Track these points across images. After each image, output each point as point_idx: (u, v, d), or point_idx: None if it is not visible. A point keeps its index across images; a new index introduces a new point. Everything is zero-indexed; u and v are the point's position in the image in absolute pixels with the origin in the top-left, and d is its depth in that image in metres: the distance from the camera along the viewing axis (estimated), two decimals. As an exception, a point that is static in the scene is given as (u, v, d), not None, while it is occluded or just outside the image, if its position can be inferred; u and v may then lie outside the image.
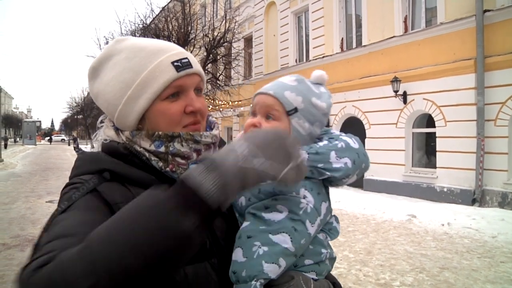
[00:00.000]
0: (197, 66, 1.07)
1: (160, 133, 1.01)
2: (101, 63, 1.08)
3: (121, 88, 1.02)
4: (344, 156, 1.07)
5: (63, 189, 0.99)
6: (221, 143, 1.17)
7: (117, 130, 1.08)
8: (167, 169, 1.01)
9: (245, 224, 1.04)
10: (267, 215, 1.01)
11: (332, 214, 1.16)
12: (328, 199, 1.11)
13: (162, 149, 1.01)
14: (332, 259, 1.14)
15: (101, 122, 1.16)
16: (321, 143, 1.10)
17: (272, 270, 0.95)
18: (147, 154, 1.02)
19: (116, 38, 1.12)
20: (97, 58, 1.09)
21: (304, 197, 1.03)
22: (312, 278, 1.04)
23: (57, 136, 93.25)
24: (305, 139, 1.12)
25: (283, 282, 0.98)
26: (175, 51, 1.06)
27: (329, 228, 1.14)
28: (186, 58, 1.05)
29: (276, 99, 1.11)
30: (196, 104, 1.03)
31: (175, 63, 1.02)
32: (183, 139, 1.02)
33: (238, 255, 0.98)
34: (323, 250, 1.09)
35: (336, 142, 1.10)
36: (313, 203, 1.04)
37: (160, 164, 1.01)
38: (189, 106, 1.03)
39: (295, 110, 1.11)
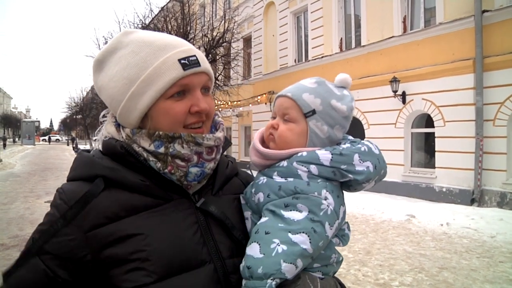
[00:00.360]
0: (205, 64, 1.03)
1: (160, 133, 0.98)
2: (106, 56, 1.04)
3: (125, 83, 0.99)
4: (367, 160, 1.07)
5: (54, 196, 0.99)
6: (226, 143, 1.14)
7: (118, 126, 1.06)
8: (166, 170, 0.98)
9: (263, 219, 1.02)
10: (286, 213, 1.00)
11: (345, 221, 1.15)
12: (345, 203, 1.11)
13: (162, 149, 0.98)
14: (339, 262, 1.14)
15: (104, 116, 1.14)
16: (344, 145, 1.10)
17: (289, 270, 0.94)
18: (145, 154, 0.99)
19: (124, 30, 1.07)
20: (103, 51, 1.05)
21: (326, 198, 1.02)
22: (319, 277, 1.04)
23: (53, 136, 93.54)
24: (324, 142, 1.12)
25: (289, 282, 0.96)
26: (184, 47, 1.01)
27: (342, 234, 1.14)
28: (194, 55, 1.01)
29: (293, 101, 1.11)
30: (201, 104, 0.99)
31: (182, 61, 0.98)
32: (184, 140, 0.98)
33: (254, 250, 0.96)
34: (333, 255, 1.09)
35: (359, 145, 1.10)
36: (333, 205, 1.03)
37: (159, 165, 0.98)
38: (195, 106, 0.99)
39: (313, 112, 1.11)
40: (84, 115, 51.89)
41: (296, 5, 16.95)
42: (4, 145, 47.48)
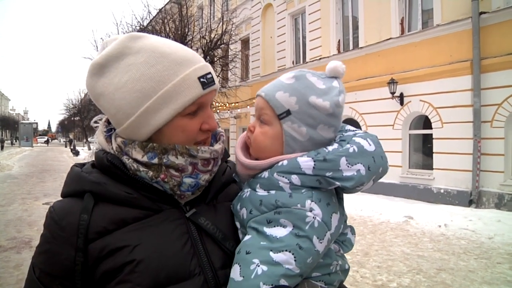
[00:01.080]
0: (217, 81, 1.02)
1: (154, 145, 0.96)
2: (110, 61, 0.97)
3: (138, 97, 0.94)
4: (357, 163, 0.94)
5: (46, 215, 1.00)
6: (225, 155, 1.11)
7: (109, 137, 1.03)
8: (158, 179, 0.96)
9: (246, 238, 0.95)
10: (269, 230, 0.92)
11: (348, 224, 1.09)
12: (339, 209, 1.00)
13: (155, 160, 0.96)
14: (345, 270, 1.07)
15: (96, 122, 1.11)
16: (330, 148, 0.97)
17: None
18: (135, 165, 0.97)
19: (131, 34, 1.00)
20: (106, 54, 0.97)
21: (311, 209, 0.91)
22: (320, 286, 0.98)
23: (40, 138, 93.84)
24: (305, 145, 1.00)
25: None
26: (200, 63, 0.99)
27: (343, 239, 1.06)
28: (210, 73, 0.99)
29: (266, 101, 1.02)
30: (212, 123, 1.01)
31: (202, 79, 0.96)
32: (178, 152, 0.96)
33: (235, 272, 0.90)
34: (333, 262, 1.01)
35: (348, 145, 0.96)
36: (321, 216, 0.92)
37: (150, 174, 0.96)
38: (205, 124, 1.00)
39: (287, 112, 0.99)
40: (82, 117, 51.89)
41: (294, 7, 16.98)
42: (2, 147, 47.42)
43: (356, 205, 10.17)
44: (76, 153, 37.52)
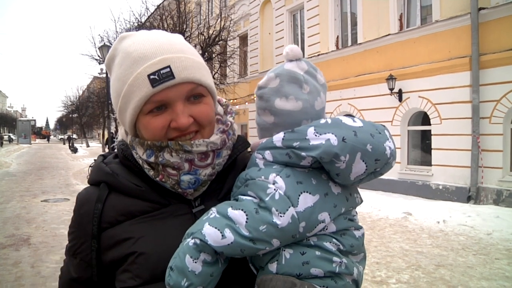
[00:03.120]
0: (183, 73, 0.93)
1: (149, 143, 0.97)
2: (109, 63, 1.04)
3: (115, 97, 1.00)
4: (327, 132, 0.90)
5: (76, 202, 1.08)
6: (243, 145, 1.09)
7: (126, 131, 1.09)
8: (157, 179, 0.98)
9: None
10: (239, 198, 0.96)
11: (360, 225, 1.03)
12: (323, 193, 0.93)
13: (152, 159, 0.97)
14: (355, 281, 0.96)
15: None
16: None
17: (211, 234, 0.87)
18: (140, 162, 1.01)
19: (121, 35, 1.05)
20: (107, 56, 1.05)
21: (274, 182, 0.91)
22: None
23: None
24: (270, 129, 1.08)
25: None
26: (156, 58, 0.93)
27: (342, 233, 0.98)
28: (168, 67, 0.92)
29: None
30: (180, 120, 0.93)
31: (152, 76, 0.91)
32: (172, 149, 0.95)
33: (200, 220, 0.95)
34: (335, 259, 0.93)
35: (322, 119, 0.96)
36: (284, 189, 0.90)
37: (151, 173, 0.99)
38: (173, 122, 0.94)
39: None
40: (80, 114, 51.71)
41: (292, 3, 16.93)
42: (1, 144, 47.39)
43: (354, 201, 10.16)
44: (75, 150, 36.91)
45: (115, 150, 1.12)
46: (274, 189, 0.90)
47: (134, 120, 0.98)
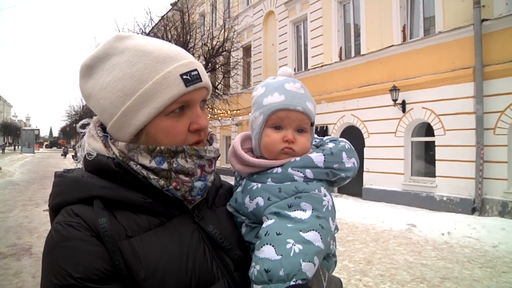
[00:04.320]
0: (205, 78, 0.97)
1: (162, 148, 0.92)
2: (97, 62, 0.96)
3: (120, 96, 0.91)
4: (352, 156, 1.13)
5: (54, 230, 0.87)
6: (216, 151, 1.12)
7: (107, 142, 0.96)
8: (171, 187, 0.93)
9: (270, 222, 0.99)
10: (292, 213, 1.00)
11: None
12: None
13: (165, 165, 0.92)
14: (335, 262, 1.16)
15: (83, 126, 1.04)
16: (330, 145, 1.14)
17: (309, 269, 0.92)
18: (144, 172, 0.92)
19: (117, 34, 0.98)
20: (93, 55, 0.96)
21: (325, 195, 1.06)
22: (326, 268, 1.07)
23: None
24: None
25: None
26: (185, 60, 0.95)
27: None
28: (196, 69, 0.95)
29: (304, 113, 1.11)
30: (201, 122, 0.96)
31: (184, 76, 0.92)
32: (188, 154, 0.93)
33: (269, 252, 0.93)
34: (332, 242, 1.10)
35: (342, 143, 1.15)
36: (331, 202, 1.07)
37: (162, 182, 0.92)
38: (194, 124, 0.95)
39: (314, 118, 1.16)
40: (84, 123, 52.00)
41: (295, 14, 17.03)
42: (3, 150, 48.25)
43: (358, 213, 10.12)
44: (64, 154, 46.47)
45: (78, 166, 1.01)
46: (327, 201, 1.05)
47: (148, 122, 0.92)
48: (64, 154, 48.04)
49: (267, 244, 0.94)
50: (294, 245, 0.93)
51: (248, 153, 1.15)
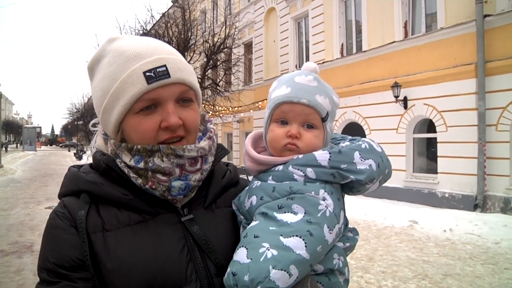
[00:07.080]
0: (178, 74, 0.94)
1: (139, 147, 0.93)
2: (94, 64, 1.02)
3: (101, 96, 0.96)
4: (369, 158, 0.98)
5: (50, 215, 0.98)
6: (222, 152, 1.08)
7: (106, 138, 1.02)
8: (147, 186, 0.94)
9: (254, 223, 0.94)
10: (280, 216, 0.92)
11: (350, 226, 1.10)
12: (345, 208, 1.02)
13: (141, 164, 0.93)
14: (346, 280, 1.03)
15: (94, 125, 1.11)
16: (343, 143, 1.04)
17: (280, 278, 0.83)
18: (126, 170, 0.95)
19: (109, 37, 1.02)
20: (91, 58, 1.03)
21: (324, 199, 0.94)
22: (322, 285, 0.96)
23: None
24: (329, 141, 1.09)
25: None
26: (152, 57, 0.93)
27: (347, 237, 1.06)
28: (164, 66, 0.92)
29: (311, 107, 1.03)
30: (171, 119, 0.92)
31: (147, 73, 0.91)
32: (164, 153, 0.92)
33: (241, 255, 0.88)
34: (335, 256, 0.98)
35: (360, 143, 1.02)
36: (333, 207, 0.94)
37: (139, 181, 0.94)
38: (164, 121, 0.92)
39: (327, 114, 1.05)
40: (86, 121, 52.04)
41: (297, 10, 16.97)
42: (6, 149, 48.04)
43: (360, 209, 10.09)
44: (80, 157, 36.71)
45: (87, 161, 1.09)
46: (325, 206, 0.93)
47: (120, 120, 0.94)
48: (79, 156, 37.00)
49: (242, 246, 0.90)
50: (268, 250, 0.86)
51: (264, 152, 1.11)
